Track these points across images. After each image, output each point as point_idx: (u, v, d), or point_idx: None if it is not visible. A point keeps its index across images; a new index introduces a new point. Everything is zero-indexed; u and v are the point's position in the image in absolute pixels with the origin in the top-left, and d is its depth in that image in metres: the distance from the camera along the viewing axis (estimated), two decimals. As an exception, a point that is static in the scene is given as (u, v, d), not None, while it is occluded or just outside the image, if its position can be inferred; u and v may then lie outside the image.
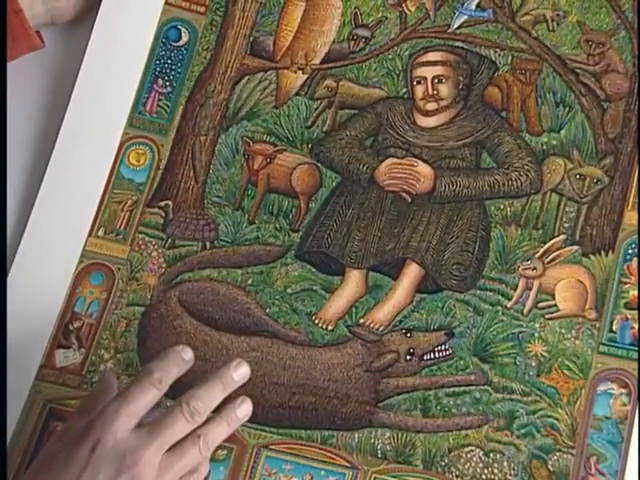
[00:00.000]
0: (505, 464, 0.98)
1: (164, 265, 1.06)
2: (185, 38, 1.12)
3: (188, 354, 0.91)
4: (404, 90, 1.10)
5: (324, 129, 1.10)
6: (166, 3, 1.12)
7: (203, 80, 1.11)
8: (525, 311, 1.02)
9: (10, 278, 1.03)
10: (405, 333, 1.02)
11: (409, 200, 1.07)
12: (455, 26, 1.12)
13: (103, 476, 0.83)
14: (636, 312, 1.01)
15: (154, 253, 1.06)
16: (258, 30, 1.13)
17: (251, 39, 1.13)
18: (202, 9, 1.12)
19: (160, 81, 1.11)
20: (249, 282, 1.05)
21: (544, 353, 1.00)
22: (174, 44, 1.11)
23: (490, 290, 1.03)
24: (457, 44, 1.11)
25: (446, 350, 1.02)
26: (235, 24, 1.13)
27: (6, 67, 1.05)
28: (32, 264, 1.04)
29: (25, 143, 1.09)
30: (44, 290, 1.03)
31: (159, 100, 1.10)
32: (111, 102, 1.09)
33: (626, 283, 1.02)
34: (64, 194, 1.07)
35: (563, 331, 1.01)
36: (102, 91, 1.09)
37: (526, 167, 1.07)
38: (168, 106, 1.10)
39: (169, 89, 1.10)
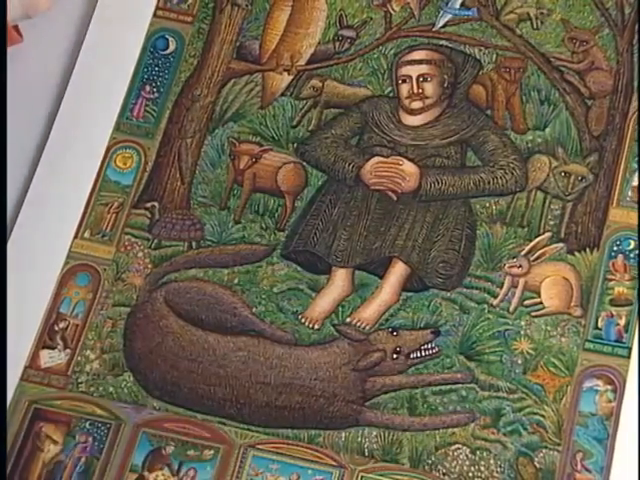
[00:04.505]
0: (492, 462, 0.97)
1: (150, 265, 1.06)
2: (172, 47, 1.13)
3: None
4: (389, 89, 1.11)
5: (309, 128, 1.10)
6: (154, 15, 1.14)
7: (190, 85, 1.13)
8: (511, 309, 1.02)
9: (-4, 278, 1.03)
10: (391, 332, 1.02)
11: (395, 199, 1.07)
12: (440, 25, 1.12)
13: None
14: (621, 308, 1.01)
15: (140, 254, 1.06)
16: (244, 35, 1.14)
17: (237, 44, 1.14)
18: (189, 19, 1.14)
19: (147, 87, 1.12)
20: (235, 282, 1.05)
21: (530, 350, 1.00)
22: (161, 52, 1.13)
23: (476, 288, 1.03)
24: (442, 43, 1.11)
25: (432, 348, 1.01)
26: (222, 31, 1.14)
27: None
28: (18, 265, 1.04)
29: (14, 146, 1.09)
30: (30, 291, 1.04)
31: (146, 105, 1.12)
32: (99, 109, 1.11)
33: (611, 280, 1.02)
34: (51, 197, 1.08)
35: (549, 328, 1.01)
36: (90, 99, 1.11)
37: (511, 165, 1.07)
38: (155, 111, 1.11)
39: (156, 94, 1.12)
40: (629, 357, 0.99)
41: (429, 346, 1.02)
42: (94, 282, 1.05)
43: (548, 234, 1.04)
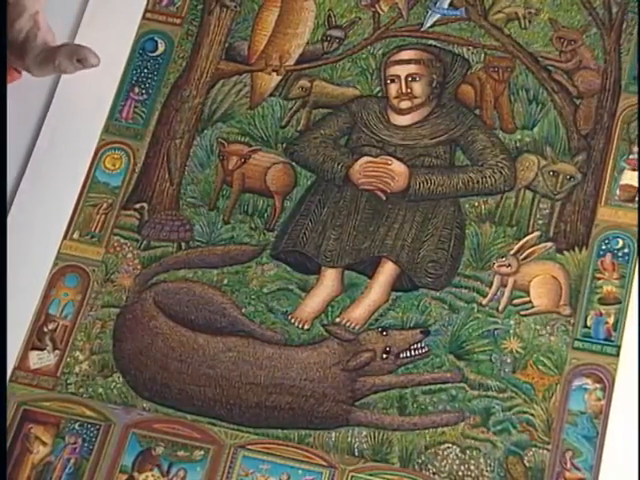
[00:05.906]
0: (481, 460, 0.98)
1: (139, 266, 1.06)
2: (161, 48, 1.14)
3: None
4: (378, 89, 1.11)
5: (298, 128, 1.10)
6: (143, 18, 1.14)
7: (178, 86, 1.13)
8: (500, 308, 1.02)
9: (-16, 280, 1.03)
10: (381, 331, 1.02)
11: (384, 198, 1.07)
12: (428, 25, 1.12)
13: None
14: (610, 307, 1.01)
15: (129, 255, 1.06)
16: (233, 36, 1.15)
17: (226, 45, 1.14)
18: (178, 20, 1.15)
19: (136, 89, 1.13)
20: (225, 282, 1.05)
21: (519, 349, 1.01)
22: (150, 54, 1.14)
23: (465, 287, 1.03)
24: (430, 42, 1.11)
25: (422, 348, 1.02)
26: (210, 32, 1.15)
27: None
28: (7, 266, 1.03)
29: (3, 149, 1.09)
30: (18, 292, 1.03)
31: (135, 107, 1.12)
32: (88, 111, 1.11)
33: (600, 279, 1.02)
34: (40, 198, 1.08)
35: (538, 327, 1.01)
36: (79, 101, 1.11)
37: (500, 164, 1.07)
38: (144, 112, 1.12)
39: (145, 96, 1.12)
40: (618, 355, 0.99)
41: (419, 346, 1.02)
42: (83, 283, 1.05)
43: (537, 233, 1.04)
